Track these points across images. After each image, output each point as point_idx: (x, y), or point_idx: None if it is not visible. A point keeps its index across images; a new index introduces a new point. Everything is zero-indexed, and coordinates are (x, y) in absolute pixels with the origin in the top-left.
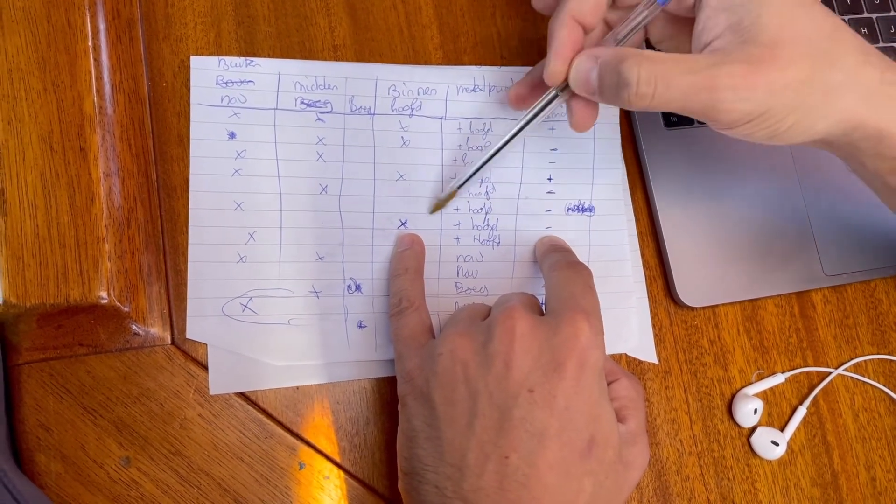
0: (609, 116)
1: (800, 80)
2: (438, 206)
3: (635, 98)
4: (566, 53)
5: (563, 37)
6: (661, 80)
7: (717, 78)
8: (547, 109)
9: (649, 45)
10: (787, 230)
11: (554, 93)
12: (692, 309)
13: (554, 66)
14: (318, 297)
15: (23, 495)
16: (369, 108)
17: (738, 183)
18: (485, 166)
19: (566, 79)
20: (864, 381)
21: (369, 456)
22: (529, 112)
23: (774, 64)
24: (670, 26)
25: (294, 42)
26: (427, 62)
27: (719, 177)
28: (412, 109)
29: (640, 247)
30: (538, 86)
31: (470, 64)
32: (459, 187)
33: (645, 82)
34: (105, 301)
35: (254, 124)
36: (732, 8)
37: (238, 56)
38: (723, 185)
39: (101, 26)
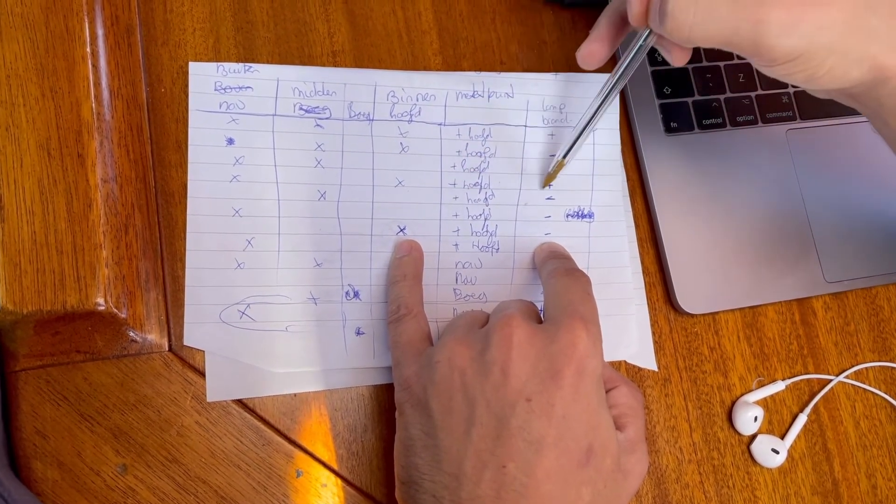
0: (609, 123)
1: (842, 21)
2: (550, 178)
3: (674, 27)
4: None
5: None
6: (703, 10)
7: (763, 11)
8: (640, 53)
9: None
10: (788, 237)
11: (642, 34)
12: (692, 316)
13: (635, 6)
14: (316, 303)
15: (18, 502)
16: (368, 114)
17: (739, 189)
18: (586, 131)
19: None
20: (865, 389)
21: (367, 463)
22: (624, 60)
23: (820, 2)
24: None
25: (293, 48)
26: (426, 68)
27: (719, 183)
28: (411, 115)
29: (640, 253)
30: (606, 38)
31: (469, 70)
32: (565, 156)
33: (682, 10)
34: (102, 308)
35: (252, 130)
36: None
37: (237, 62)
38: (723, 192)
39: (100, 32)
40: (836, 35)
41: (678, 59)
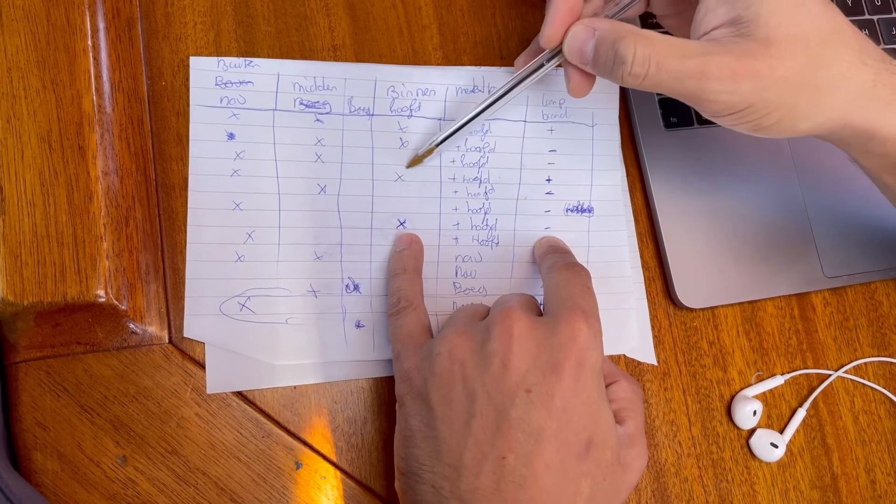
0: (609, 117)
1: (787, 80)
2: (416, 161)
3: (628, 77)
4: (564, 19)
5: (561, 2)
6: (654, 62)
7: (707, 67)
8: (539, 72)
9: (645, 18)
10: (788, 232)
11: (547, 55)
12: (691, 310)
13: (550, 31)
14: (316, 296)
15: (17, 496)
16: (368, 109)
17: (738, 184)
18: (464, 127)
19: (560, 44)
20: (864, 384)
21: (366, 456)
22: (521, 72)
23: (765, 62)
24: (676, 12)
25: (293, 42)
26: (426, 62)
27: (719, 178)
28: (411, 110)
29: (640, 248)
30: (540, 51)
31: (469, 64)
32: (438, 144)
33: (640, 62)
34: (103, 299)
35: (253, 125)
36: (733, 1)
37: (237, 56)
38: (722, 187)
39: (101, 25)
40: (780, 93)
41: (579, 91)
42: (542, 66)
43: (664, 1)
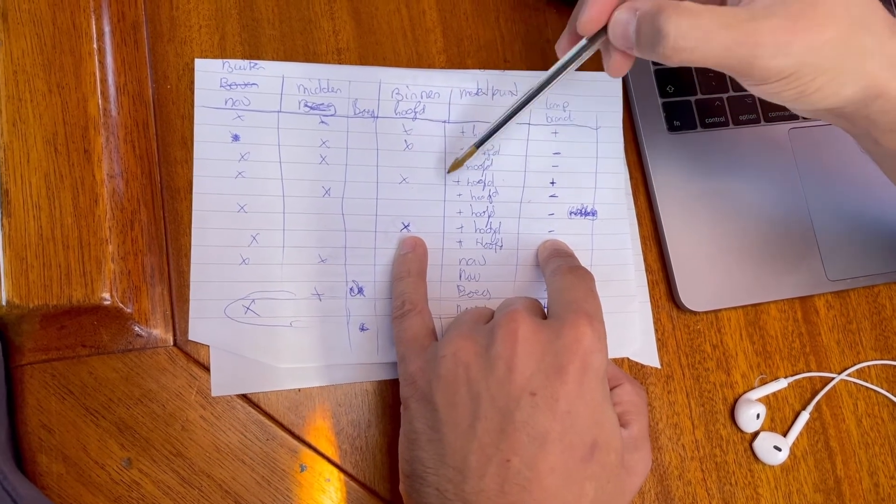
0: (612, 120)
1: (836, 41)
2: (457, 164)
3: (672, 51)
4: (603, 4)
5: None
6: (700, 34)
7: (758, 33)
8: (578, 60)
9: None
10: (791, 235)
11: (584, 42)
12: (695, 313)
13: (588, 15)
14: (320, 299)
15: (23, 497)
16: (372, 112)
17: (741, 187)
18: (508, 121)
19: (600, 29)
20: (867, 387)
21: (370, 458)
22: (561, 62)
23: (814, 21)
24: None
25: (298, 45)
26: (430, 66)
27: (722, 181)
28: (415, 113)
29: (643, 251)
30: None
31: (473, 68)
32: (479, 145)
33: (683, 36)
34: (108, 302)
35: (257, 127)
36: None
37: (242, 59)
38: (726, 190)
39: (107, 29)
40: (829, 54)
41: (619, 70)
42: (580, 54)
43: None
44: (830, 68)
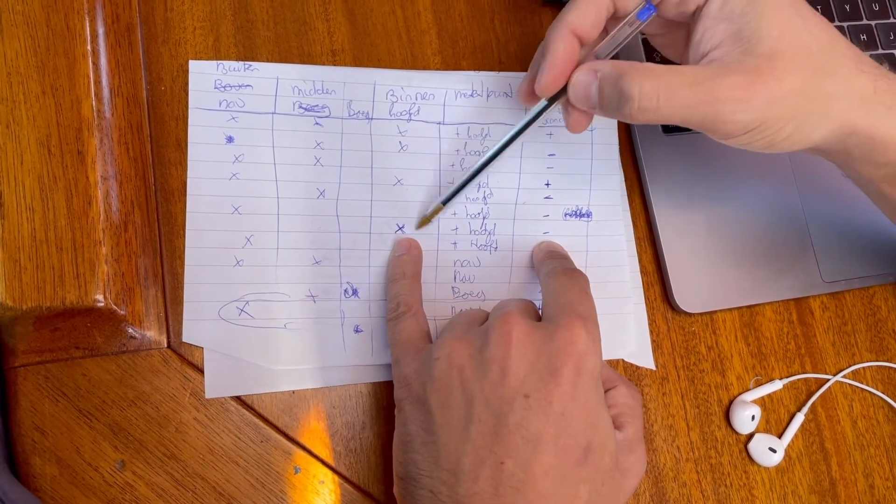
0: (607, 122)
1: (797, 91)
2: (424, 221)
3: (637, 112)
4: (561, 67)
5: (558, 50)
6: (663, 94)
7: (718, 90)
8: (538, 120)
9: (647, 46)
10: (786, 237)
11: (545, 104)
12: (690, 315)
13: (547, 79)
14: (314, 301)
15: (14, 501)
16: (367, 113)
17: (737, 189)
18: (475, 178)
19: (560, 90)
20: (862, 388)
21: (365, 460)
22: (520, 124)
23: (773, 75)
24: (669, 31)
25: (293, 46)
26: (425, 67)
27: (717, 183)
28: (410, 114)
29: (638, 252)
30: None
31: (468, 69)
32: (445, 202)
33: (647, 97)
34: (101, 304)
35: (252, 128)
36: (732, 18)
37: (237, 60)
38: (721, 192)
39: (101, 30)
40: (791, 104)
41: (579, 128)
42: (540, 113)
43: (656, 23)
44: (794, 117)
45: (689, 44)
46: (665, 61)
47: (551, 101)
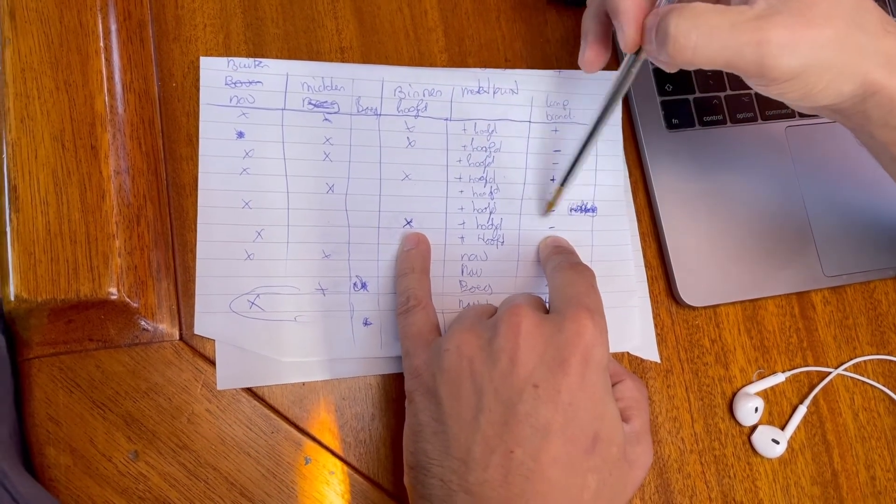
0: (612, 119)
1: (836, 39)
2: (551, 205)
3: (675, 51)
4: (639, 17)
5: (629, 3)
6: (702, 33)
7: (766, 31)
8: (630, 78)
9: None
10: (788, 231)
11: (632, 58)
12: (693, 308)
13: (629, 33)
14: (324, 294)
15: (23, 496)
16: (375, 109)
17: (739, 184)
18: (584, 153)
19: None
20: (863, 381)
21: (374, 451)
22: (613, 87)
23: (814, 20)
24: None
25: (302, 44)
26: (432, 64)
27: (720, 178)
28: (418, 111)
29: (642, 247)
30: (601, 41)
31: (475, 66)
32: (563, 184)
33: (683, 34)
34: (115, 297)
35: (262, 124)
36: None
37: (247, 57)
38: (723, 187)
39: (113, 27)
40: (832, 53)
41: (671, 68)
42: (630, 70)
43: None
44: (833, 66)
45: None
46: None
47: (638, 52)
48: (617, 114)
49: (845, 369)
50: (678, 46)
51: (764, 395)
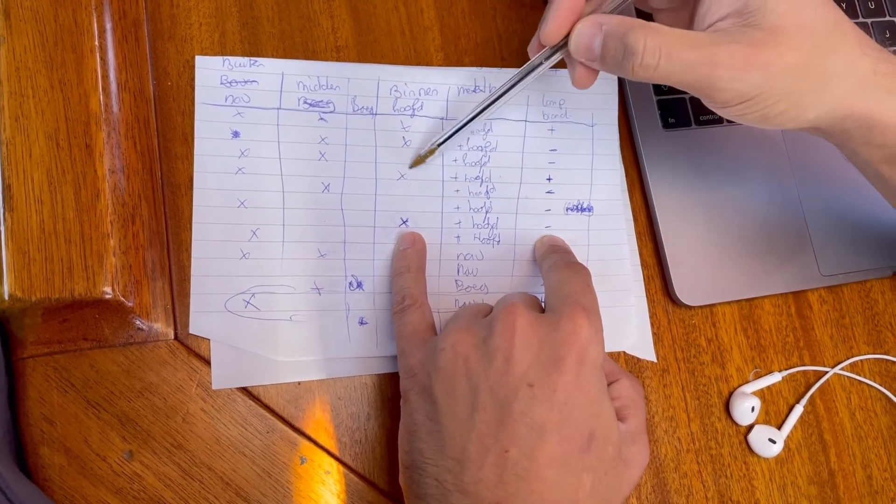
0: (608, 117)
1: (795, 68)
2: (418, 161)
3: (639, 68)
4: (566, 16)
5: (563, 0)
6: (665, 53)
7: (717, 56)
8: (539, 69)
9: (642, 16)
10: (784, 231)
11: (548, 52)
12: (690, 308)
13: (551, 27)
14: (319, 293)
15: (17, 496)
16: (371, 108)
17: (736, 183)
18: (466, 127)
19: (562, 40)
20: (860, 381)
21: (370, 451)
22: (521, 70)
23: (774, 49)
24: (674, 7)
25: (297, 43)
26: (428, 63)
27: (716, 177)
28: (413, 110)
29: (639, 246)
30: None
31: (471, 65)
32: (440, 144)
33: (650, 53)
34: (109, 296)
35: (257, 123)
36: None
37: (242, 56)
38: (720, 186)
39: (108, 26)
40: (788, 80)
41: (583, 82)
42: (541, 63)
43: None
44: (791, 93)
45: (694, 18)
46: None
47: (555, 49)
48: (614, 113)
49: (842, 368)
50: (644, 64)
51: (760, 394)
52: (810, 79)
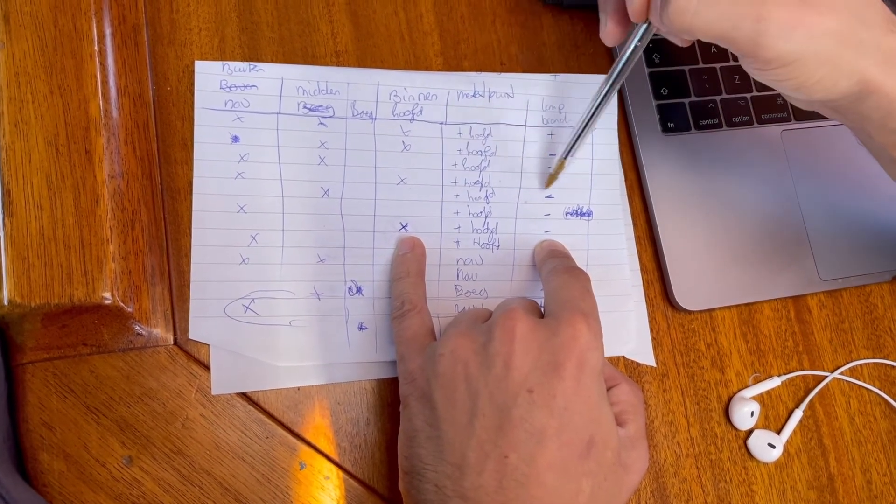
0: (608, 122)
1: (836, 31)
2: (552, 179)
3: (674, 15)
4: None
5: None
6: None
7: (766, 8)
8: (639, 50)
9: None
10: (784, 235)
11: (643, 28)
12: (689, 312)
13: (636, 2)
14: (319, 298)
15: (16, 501)
16: (371, 113)
17: (735, 188)
18: (586, 130)
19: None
20: (859, 385)
21: (369, 456)
22: (620, 59)
23: (816, 10)
24: None
25: (297, 48)
26: (428, 68)
27: (716, 182)
28: (413, 114)
29: (638, 251)
30: (623, 14)
31: (470, 70)
32: (566, 157)
33: None
34: (109, 301)
35: (257, 128)
36: None
37: (242, 61)
38: (719, 191)
39: (107, 31)
40: (830, 44)
41: (675, 38)
42: (638, 41)
43: None
44: (829, 59)
45: None
46: None
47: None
48: (613, 117)
49: (841, 373)
50: (678, 9)
51: (760, 399)
52: (848, 46)
